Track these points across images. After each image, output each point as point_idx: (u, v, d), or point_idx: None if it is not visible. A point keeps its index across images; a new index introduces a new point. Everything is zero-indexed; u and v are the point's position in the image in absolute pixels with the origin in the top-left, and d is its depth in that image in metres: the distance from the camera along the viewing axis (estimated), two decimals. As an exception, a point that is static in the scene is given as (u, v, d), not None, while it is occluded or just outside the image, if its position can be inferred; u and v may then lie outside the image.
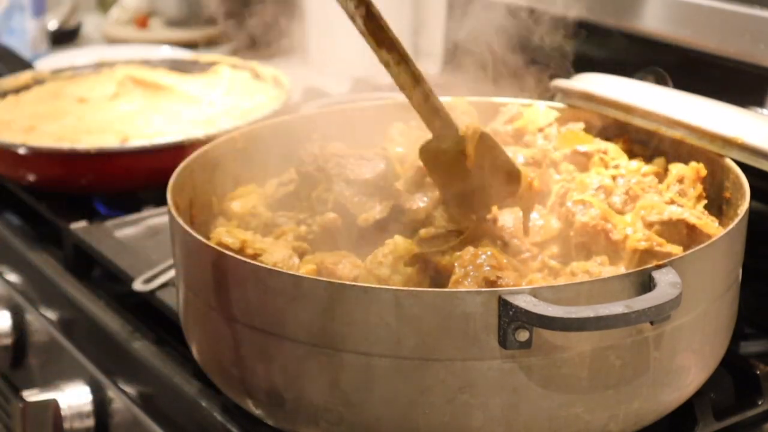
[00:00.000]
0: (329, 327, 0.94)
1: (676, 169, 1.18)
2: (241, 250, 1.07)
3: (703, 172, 1.16)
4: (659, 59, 1.51)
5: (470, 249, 1.01)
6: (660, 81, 1.48)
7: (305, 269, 1.05)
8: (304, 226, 1.14)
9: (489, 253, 1.00)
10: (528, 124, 1.28)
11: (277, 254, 1.06)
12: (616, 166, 1.21)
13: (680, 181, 1.16)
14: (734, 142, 1.14)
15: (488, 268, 0.99)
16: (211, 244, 1.03)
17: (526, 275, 1.04)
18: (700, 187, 1.16)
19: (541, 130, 1.27)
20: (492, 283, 0.98)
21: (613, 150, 1.23)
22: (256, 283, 0.97)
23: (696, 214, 1.09)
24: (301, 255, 1.09)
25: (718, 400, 1.10)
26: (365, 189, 1.14)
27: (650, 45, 1.53)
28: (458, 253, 1.02)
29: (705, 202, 1.15)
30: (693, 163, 1.17)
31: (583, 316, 0.89)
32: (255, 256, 1.06)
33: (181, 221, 1.05)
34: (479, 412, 0.94)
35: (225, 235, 1.08)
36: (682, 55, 1.49)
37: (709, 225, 1.08)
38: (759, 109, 1.39)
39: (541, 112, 1.30)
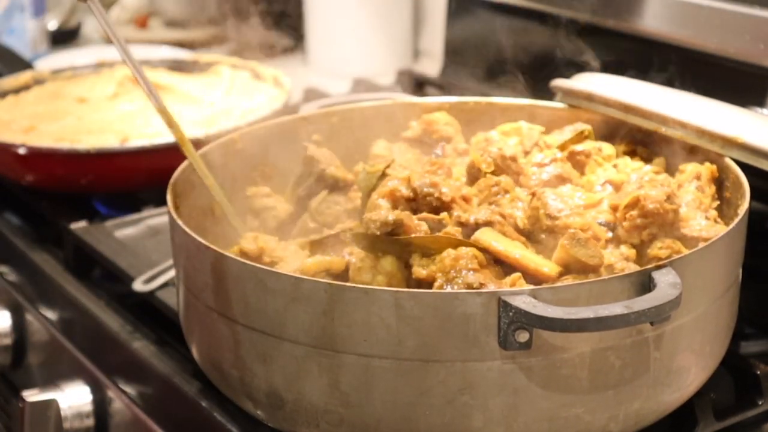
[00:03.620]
0: (329, 328, 0.94)
1: (691, 166, 1.17)
2: (258, 258, 1.07)
3: (716, 173, 1.16)
4: (659, 59, 1.51)
5: (451, 252, 1.00)
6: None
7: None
8: None
9: (470, 253, 1.00)
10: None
11: (295, 263, 1.06)
12: (615, 165, 1.20)
13: (697, 177, 1.15)
14: (734, 142, 1.14)
15: (471, 273, 0.98)
16: (213, 246, 1.02)
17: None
18: (713, 187, 1.15)
19: (526, 153, 1.23)
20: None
21: (607, 148, 1.23)
22: (256, 284, 0.97)
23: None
24: None
25: (719, 400, 1.10)
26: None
27: (650, 45, 1.53)
28: (439, 256, 1.00)
29: (718, 203, 1.14)
30: (707, 164, 1.16)
31: (582, 317, 0.89)
32: (272, 264, 1.06)
33: (180, 222, 1.05)
34: (479, 413, 0.94)
35: (245, 242, 1.09)
36: (682, 55, 1.49)
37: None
38: (759, 109, 1.39)
39: (525, 131, 1.27)
